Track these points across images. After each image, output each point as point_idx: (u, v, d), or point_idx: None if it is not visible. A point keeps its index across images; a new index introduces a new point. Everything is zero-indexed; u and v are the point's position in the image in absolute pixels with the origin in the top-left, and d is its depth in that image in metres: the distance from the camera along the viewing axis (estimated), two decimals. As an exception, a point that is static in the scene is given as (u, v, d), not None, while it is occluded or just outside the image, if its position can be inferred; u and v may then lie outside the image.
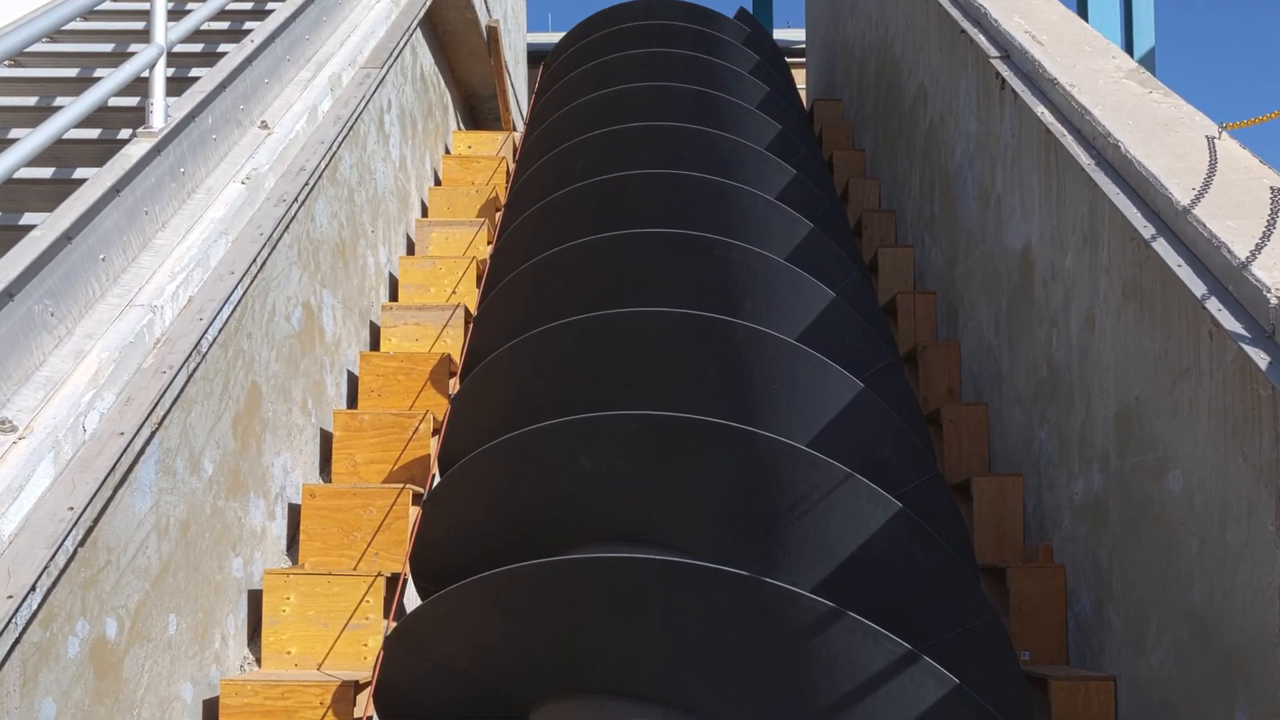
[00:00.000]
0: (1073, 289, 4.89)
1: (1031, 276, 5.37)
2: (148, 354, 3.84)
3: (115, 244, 4.02)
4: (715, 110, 7.16)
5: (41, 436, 3.24)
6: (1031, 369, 5.35)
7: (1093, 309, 4.69)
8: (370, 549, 4.77)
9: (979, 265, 6.12)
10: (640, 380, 4.67)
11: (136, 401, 3.64)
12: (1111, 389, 4.50)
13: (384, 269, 6.62)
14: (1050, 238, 5.15)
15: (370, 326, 6.27)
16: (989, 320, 5.94)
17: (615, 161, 6.19)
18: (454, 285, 6.56)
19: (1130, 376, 4.34)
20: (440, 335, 6.11)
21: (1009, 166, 5.69)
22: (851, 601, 3.86)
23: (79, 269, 3.79)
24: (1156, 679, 4.08)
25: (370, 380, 5.72)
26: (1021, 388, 5.47)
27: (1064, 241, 4.98)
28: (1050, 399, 5.12)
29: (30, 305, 3.48)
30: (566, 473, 4.20)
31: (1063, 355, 4.99)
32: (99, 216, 3.93)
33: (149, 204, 4.27)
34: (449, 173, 8.23)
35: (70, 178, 4.82)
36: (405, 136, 7.34)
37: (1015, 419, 5.54)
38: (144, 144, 4.34)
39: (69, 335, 3.68)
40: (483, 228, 7.18)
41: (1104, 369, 4.57)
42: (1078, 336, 4.84)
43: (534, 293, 5.39)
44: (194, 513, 4.03)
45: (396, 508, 4.81)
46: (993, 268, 5.90)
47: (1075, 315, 4.87)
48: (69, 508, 3.17)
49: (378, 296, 6.46)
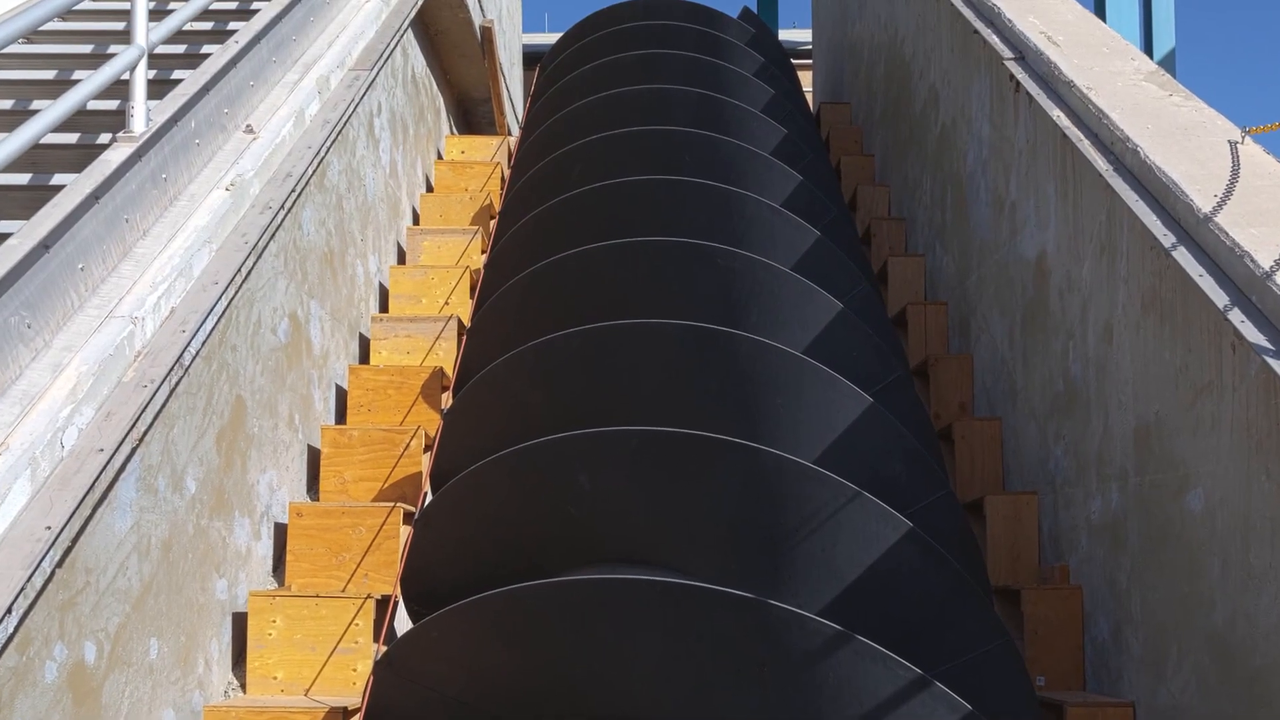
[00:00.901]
0: (1090, 300, 4.76)
1: (1047, 287, 5.24)
2: (128, 367, 3.73)
3: (94, 253, 3.90)
4: (718, 114, 7.04)
5: (18, 453, 3.14)
6: (1047, 383, 5.22)
7: (1111, 320, 4.55)
8: (359, 570, 4.65)
9: (992, 275, 5.98)
10: (641, 395, 4.58)
11: (117, 417, 3.53)
12: (1130, 404, 4.37)
13: (374, 279, 6.49)
14: (1067, 247, 5.01)
15: (360, 339, 6.13)
16: (1003, 332, 5.80)
17: (614, 167, 6.07)
18: (446, 296, 6.43)
19: (1149, 391, 4.22)
20: (432, 348, 5.98)
21: (1023, 172, 5.56)
22: (860, 624, 3.80)
23: (57, 279, 3.67)
24: (1177, 706, 3.97)
25: (359, 395, 5.58)
26: (1036, 402, 5.33)
27: (1081, 251, 4.85)
28: (1066, 414, 4.98)
29: (6, 316, 3.38)
30: (564, 491, 4.11)
31: (1079, 369, 4.86)
32: (78, 224, 3.82)
33: (129, 211, 4.15)
34: (441, 179, 8.08)
35: (48, 184, 4.70)
36: (396, 141, 7.20)
37: (1030, 435, 5.40)
38: (124, 149, 4.21)
39: (46, 347, 3.56)
40: (476, 236, 7.04)
41: (1122, 383, 4.44)
42: (1095, 349, 4.70)
43: (530, 304, 5.28)
44: (176, 532, 3.91)
45: (386, 527, 4.68)
46: (1007, 278, 5.77)
47: (1092, 327, 4.73)
48: (46, 527, 3.07)
49: (367, 308, 6.32)
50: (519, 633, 3.62)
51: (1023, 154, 5.58)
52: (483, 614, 3.60)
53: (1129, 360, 4.39)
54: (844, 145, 9.33)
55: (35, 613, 3.02)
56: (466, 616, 3.62)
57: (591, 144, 6.42)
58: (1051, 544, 5.12)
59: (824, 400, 4.62)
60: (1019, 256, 5.61)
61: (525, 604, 3.58)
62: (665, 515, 4.10)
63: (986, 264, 6.09)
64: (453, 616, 3.63)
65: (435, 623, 3.67)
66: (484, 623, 3.62)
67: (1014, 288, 5.68)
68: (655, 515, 4.10)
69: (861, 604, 4.07)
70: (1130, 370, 4.38)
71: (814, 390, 4.61)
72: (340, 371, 5.75)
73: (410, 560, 4.40)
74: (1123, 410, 4.43)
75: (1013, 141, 5.71)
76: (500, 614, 3.60)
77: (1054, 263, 5.17)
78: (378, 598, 4.45)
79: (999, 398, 5.86)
